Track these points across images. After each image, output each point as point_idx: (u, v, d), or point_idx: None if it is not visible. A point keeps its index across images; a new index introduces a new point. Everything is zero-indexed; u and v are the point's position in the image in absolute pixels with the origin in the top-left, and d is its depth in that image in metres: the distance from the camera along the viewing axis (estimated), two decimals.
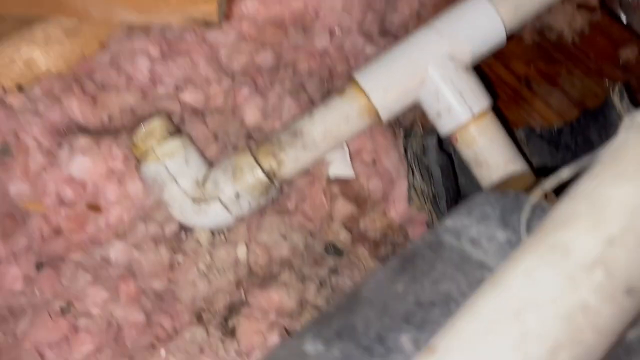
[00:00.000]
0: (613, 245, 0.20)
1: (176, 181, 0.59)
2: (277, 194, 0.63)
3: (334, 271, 0.62)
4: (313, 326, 0.24)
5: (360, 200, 0.65)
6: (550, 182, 0.25)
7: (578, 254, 0.20)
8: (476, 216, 0.27)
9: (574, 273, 0.20)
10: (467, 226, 0.27)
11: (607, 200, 0.22)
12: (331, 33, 0.70)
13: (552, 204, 0.25)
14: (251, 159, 0.59)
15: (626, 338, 0.23)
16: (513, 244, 0.26)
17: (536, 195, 0.25)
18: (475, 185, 0.63)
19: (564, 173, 0.25)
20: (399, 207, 0.65)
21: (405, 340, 0.22)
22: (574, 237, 0.21)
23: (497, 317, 0.19)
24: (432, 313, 0.23)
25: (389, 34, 0.73)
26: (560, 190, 0.25)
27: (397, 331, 0.22)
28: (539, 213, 0.24)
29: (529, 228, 0.23)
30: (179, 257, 0.60)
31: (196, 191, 0.59)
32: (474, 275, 0.24)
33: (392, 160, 0.66)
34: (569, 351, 0.19)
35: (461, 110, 0.60)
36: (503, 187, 0.53)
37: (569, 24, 0.75)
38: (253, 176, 0.59)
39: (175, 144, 0.60)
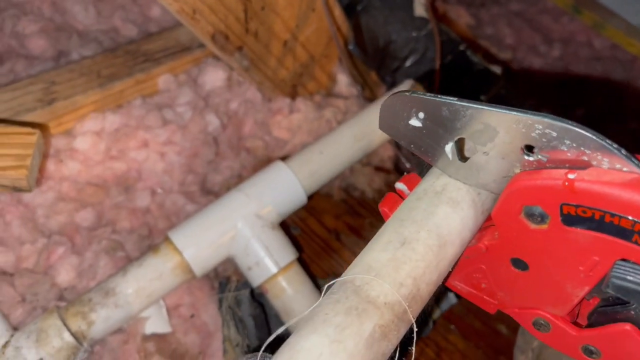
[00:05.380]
0: None
1: None
2: (86, 356, 0.61)
3: None
4: None
5: (176, 356, 0.65)
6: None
7: None
8: None
9: None
10: None
11: (300, 350, 0.28)
12: (153, 193, 0.75)
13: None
14: (58, 321, 0.58)
15: None
16: None
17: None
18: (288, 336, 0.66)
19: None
20: None
21: None
22: None
23: None
24: None
25: (211, 193, 0.79)
26: None
27: None
28: None
29: None
30: None
31: None
32: None
33: (210, 313, 0.68)
34: None
35: (269, 264, 0.65)
36: None
37: (369, 184, 0.87)
38: (59, 339, 0.58)
39: None
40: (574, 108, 1.15)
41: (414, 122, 0.34)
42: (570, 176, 0.28)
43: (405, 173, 0.39)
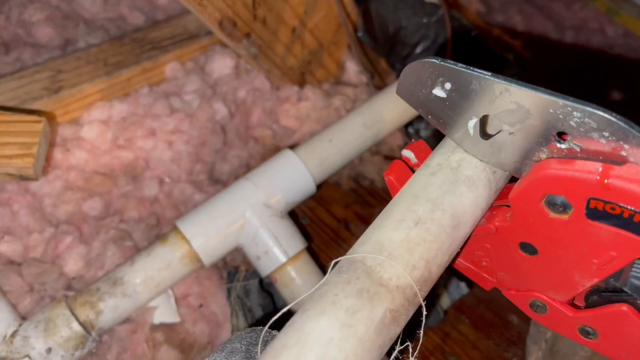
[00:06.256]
0: None
1: None
2: (94, 346, 0.61)
3: None
4: None
5: (185, 346, 0.65)
6: None
7: None
8: (226, 352, 0.31)
9: None
10: None
11: (309, 333, 0.27)
12: (161, 182, 0.74)
13: None
14: (66, 311, 0.58)
15: None
16: None
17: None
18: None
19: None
20: None
21: None
22: None
23: None
24: None
25: (219, 182, 0.78)
26: None
27: None
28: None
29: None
30: None
31: (2, 348, 0.56)
32: None
33: (218, 303, 0.68)
34: None
35: (278, 253, 0.65)
36: None
37: (379, 172, 0.86)
38: (68, 329, 0.58)
39: None
40: (585, 95, 1.13)
41: (438, 92, 0.32)
42: (606, 172, 0.27)
43: (412, 140, 0.38)
